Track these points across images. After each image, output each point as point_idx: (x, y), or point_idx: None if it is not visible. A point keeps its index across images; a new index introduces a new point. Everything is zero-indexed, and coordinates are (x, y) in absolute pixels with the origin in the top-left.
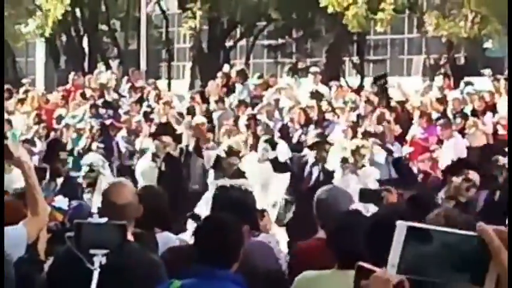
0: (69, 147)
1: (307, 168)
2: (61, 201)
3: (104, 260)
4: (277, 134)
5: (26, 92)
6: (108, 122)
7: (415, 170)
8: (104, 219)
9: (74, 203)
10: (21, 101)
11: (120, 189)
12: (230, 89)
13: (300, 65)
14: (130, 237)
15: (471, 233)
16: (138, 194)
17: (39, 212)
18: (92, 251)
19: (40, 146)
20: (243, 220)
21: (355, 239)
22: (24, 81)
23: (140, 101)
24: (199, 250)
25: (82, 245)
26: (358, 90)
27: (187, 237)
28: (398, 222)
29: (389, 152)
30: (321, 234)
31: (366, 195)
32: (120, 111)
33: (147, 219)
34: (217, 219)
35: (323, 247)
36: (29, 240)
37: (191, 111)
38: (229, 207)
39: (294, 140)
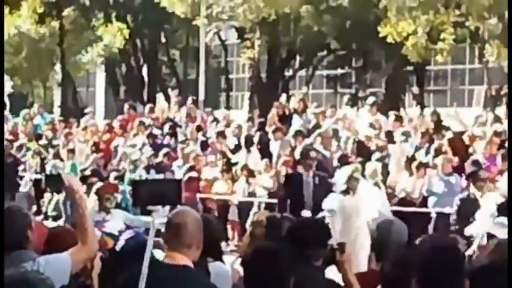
0: (126, 177)
1: None
2: (112, 227)
3: (161, 217)
4: (336, 164)
5: (87, 121)
6: (164, 151)
7: None
8: (160, 176)
9: (129, 232)
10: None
11: (182, 213)
12: (287, 119)
13: (360, 95)
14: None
15: None
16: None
17: (87, 241)
18: (149, 207)
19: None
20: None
21: (410, 275)
22: (86, 110)
23: (197, 130)
24: (249, 279)
25: (139, 202)
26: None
27: (239, 266)
28: None
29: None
30: (375, 265)
31: None
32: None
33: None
34: (267, 249)
35: (376, 278)
36: (73, 270)
37: (248, 141)
38: (281, 238)
39: None
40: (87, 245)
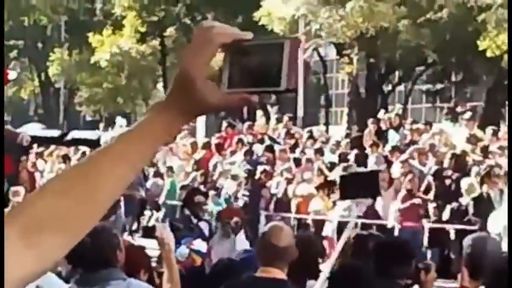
0: (223, 194)
1: None
2: (200, 245)
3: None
4: (430, 178)
5: (182, 138)
6: (261, 168)
7: None
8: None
9: (246, 251)
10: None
11: (279, 232)
12: (384, 134)
13: (459, 110)
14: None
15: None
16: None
17: None
18: (357, 200)
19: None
20: (383, 269)
21: None
22: (184, 127)
23: (294, 147)
24: None
25: (348, 195)
26: None
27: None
28: None
29: None
30: (467, 282)
31: None
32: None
33: (299, 266)
34: (350, 267)
35: None
36: None
37: (342, 158)
38: (368, 255)
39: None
40: None
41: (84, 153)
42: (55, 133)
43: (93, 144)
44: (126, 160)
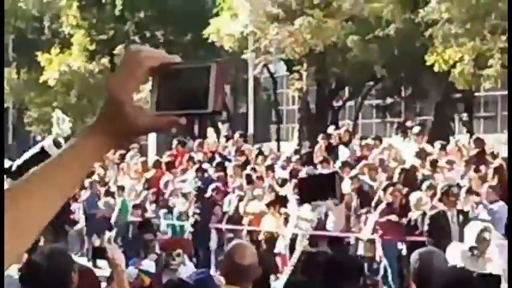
0: (175, 211)
1: None
2: (148, 265)
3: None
4: (381, 193)
5: (132, 157)
6: (213, 186)
7: None
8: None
9: (199, 272)
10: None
11: (243, 251)
12: (334, 150)
13: (409, 124)
14: None
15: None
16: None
17: None
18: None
19: (151, 211)
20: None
21: None
22: (133, 146)
23: (245, 164)
24: None
25: (307, 198)
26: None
27: None
28: None
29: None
30: None
31: None
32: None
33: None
34: (298, 284)
35: None
36: None
37: (293, 174)
38: (317, 272)
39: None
40: None
41: None
42: (6, 163)
43: (41, 157)
44: (54, 183)
